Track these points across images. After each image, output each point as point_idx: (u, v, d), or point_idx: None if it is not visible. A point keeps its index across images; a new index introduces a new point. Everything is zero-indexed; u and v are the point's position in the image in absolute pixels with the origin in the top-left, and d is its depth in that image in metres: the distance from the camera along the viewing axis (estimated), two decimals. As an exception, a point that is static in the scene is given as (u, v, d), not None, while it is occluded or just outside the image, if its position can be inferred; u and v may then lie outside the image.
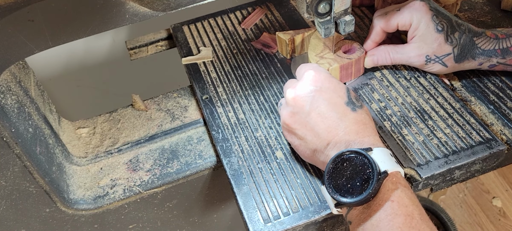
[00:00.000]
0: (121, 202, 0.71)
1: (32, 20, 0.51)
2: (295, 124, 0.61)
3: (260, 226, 0.60)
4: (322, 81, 0.61)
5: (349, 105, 0.60)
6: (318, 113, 0.59)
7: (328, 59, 0.75)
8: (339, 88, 0.61)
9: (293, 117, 0.61)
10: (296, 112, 0.61)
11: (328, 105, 0.59)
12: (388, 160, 0.54)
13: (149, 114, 0.81)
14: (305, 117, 0.60)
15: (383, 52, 0.74)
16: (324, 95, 0.60)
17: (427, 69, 0.73)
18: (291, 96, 0.62)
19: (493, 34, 0.69)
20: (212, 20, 0.94)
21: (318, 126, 0.59)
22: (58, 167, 0.69)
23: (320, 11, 0.67)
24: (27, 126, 0.64)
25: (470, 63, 0.70)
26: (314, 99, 0.60)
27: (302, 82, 0.62)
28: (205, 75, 0.82)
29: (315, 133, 0.59)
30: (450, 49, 0.69)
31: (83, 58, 1.29)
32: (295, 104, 0.61)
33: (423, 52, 0.70)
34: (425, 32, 0.69)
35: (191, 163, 0.74)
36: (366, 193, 0.51)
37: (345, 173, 0.54)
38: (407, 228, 0.50)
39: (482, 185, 1.51)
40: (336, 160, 0.55)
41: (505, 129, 0.67)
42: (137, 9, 0.54)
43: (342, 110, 0.59)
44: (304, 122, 0.60)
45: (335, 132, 0.58)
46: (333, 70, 0.74)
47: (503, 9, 0.86)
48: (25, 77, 0.70)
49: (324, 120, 0.58)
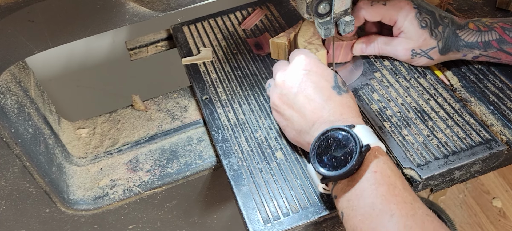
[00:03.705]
0: (121, 202, 0.71)
1: (32, 21, 0.51)
2: (283, 105, 0.64)
3: (260, 227, 0.60)
4: (311, 66, 0.64)
5: (335, 89, 0.62)
6: (305, 96, 0.61)
7: (315, 45, 0.78)
8: (326, 73, 0.64)
9: (281, 98, 0.64)
10: (285, 93, 0.63)
11: (315, 88, 0.61)
12: (370, 135, 0.57)
13: (149, 115, 0.81)
14: (292, 98, 0.62)
15: (373, 43, 0.77)
16: (312, 79, 0.62)
17: (414, 62, 0.76)
18: (280, 79, 0.64)
19: (476, 27, 0.71)
20: (212, 20, 0.94)
21: (305, 107, 0.61)
22: (58, 167, 0.69)
23: (320, 11, 0.67)
24: (27, 126, 0.64)
25: (455, 54, 0.73)
26: (302, 82, 0.62)
27: (291, 65, 0.65)
28: (205, 75, 0.82)
29: (302, 114, 0.61)
30: (435, 43, 0.72)
31: (83, 58, 1.29)
32: (284, 86, 0.64)
33: (409, 46, 0.73)
34: (410, 29, 0.72)
35: (191, 164, 0.74)
36: (350, 165, 0.53)
37: (329, 149, 0.56)
38: (390, 196, 0.51)
39: (482, 186, 1.51)
40: (321, 137, 0.57)
41: (505, 129, 0.67)
42: (137, 10, 0.54)
43: (328, 94, 0.61)
44: (291, 103, 0.63)
45: (320, 113, 0.60)
46: (320, 55, 0.77)
47: (498, 7, 0.87)
48: (25, 78, 0.70)
49: (310, 102, 0.61)
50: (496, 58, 0.72)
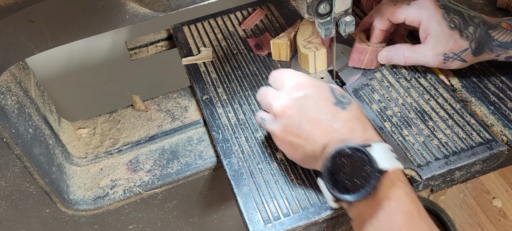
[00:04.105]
0: (121, 202, 0.71)
1: (32, 21, 0.50)
2: (289, 136, 0.60)
3: (260, 227, 0.60)
4: (305, 87, 0.60)
5: (338, 105, 0.59)
6: (308, 121, 0.58)
7: (315, 44, 0.77)
8: (323, 89, 0.60)
9: (285, 130, 0.60)
10: (287, 124, 0.59)
11: (317, 110, 0.58)
12: (388, 156, 0.54)
13: (149, 115, 0.81)
14: (297, 127, 0.59)
15: (398, 51, 0.73)
16: (311, 101, 0.59)
17: (445, 66, 0.72)
18: (277, 108, 0.60)
19: (509, 26, 0.68)
20: (212, 20, 0.94)
21: (312, 133, 0.58)
22: (58, 168, 0.69)
23: (321, 11, 0.67)
24: (27, 126, 0.64)
25: (489, 55, 0.70)
26: (302, 107, 0.59)
27: (284, 91, 0.61)
28: (205, 75, 0.82)
29: (311, 140, 0.58)
30: (467, 44, 0.68)
31: (83, 58, 1.29)
32: (284, 116, 0.59)
33: (440, 51, 0.69)
34: (438, 30, 0.68)
35: (191, 164, 0.73)
36: (364, 192, 0.51)
37: (344, 170, 0.53)
38: (405, 226, 0.50)
39: (482, 186, 1.51)
40: (334, 157, 0.54)
41: (505, 129, 0.67)
42: (137, 10, 0.54)
43: (332, 112, 0.58)
44: (297, 132, 0.59)
45: (330, 135, 0.57)
46: (320, 53, 0.76)
47: (499, 7, 0.87)
48: (25, 78, 0.70)
49: (317, 125, 0.58)
50: None
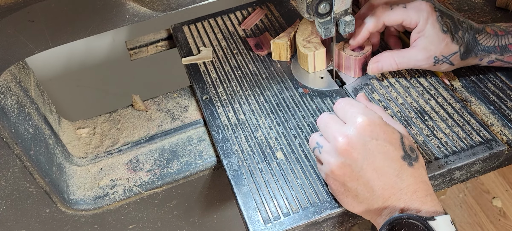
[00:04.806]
0: (121, 202, 0.71)
1: (32, 21, 0.50)
2: (346, 177, 0.56)
3: (260, 227, 0.60)
4: (377, 132, 0.56)
5: (406, 159, 0.56)
6: (373, 169, 0.55)
7: (314, 44, 0.77)
8: (394, 138, 0.56)
9: (343, 169, 0.56)
10: (348, 164, 0.56)
11: (384, 160, 0.55)
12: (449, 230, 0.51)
13: (149, 115, 0.81)
14: (358, 171, 0.55)
15: (388, 59, 0.73)
16: (379, 148, 0.55)
17: (435, 69, 0.73)
18: (342, 146, 0.56)
19: (493, 31, 0.70)
20: (212, 20, 0.94)
21: (374, 182, 0.55)
22: (58, 167, 0.69)
23: (320, 11, 0.67)
24: (27, 126, 0.64)
25: (473, 59, 0.71)
26: (369, 153, 0.55)
27: (353, 128, 0.56)
28: (205, 75, 0.82)
29: (370, 188, 0.55)
30: (456, 48, 0.69)
31: (83, 58, 1.29)
32: (347, 156, 0.55)
33: (431, 54, 0.70)
34: (432, 33, 0.68)
35: (191, 163, 0.73)
36: None
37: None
38: None
39: (482, 185, 1.51)
40: (393, 223, 0.51)
41: (505, 129, 0.67)
42: (137, 10, 0.54)
43: (398, 166, 0.55)
44: (357, 176, 0.56)
45: (392, 190, 0.54)
46: (319, 53, 0.76)
47: (498, 7, 0.87)
48: (25, 78, 0.70)
49: (380, 176, 0.55)
50: (510, 63, 0.71)
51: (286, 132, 0.70)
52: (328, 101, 0.74)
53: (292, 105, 0.75)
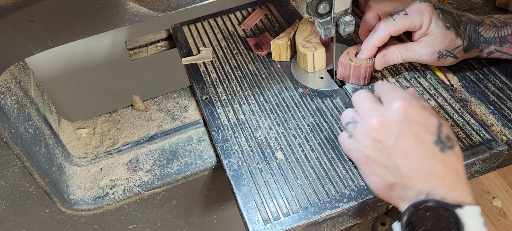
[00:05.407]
0: (121, 202, 0.71)
1: (32, 21, 0.50)
2: (376, 152, 0.58)
3: (260, 227, 0.60)
4: (412, 113, 0.57)
5: (438, 144, 0.55)
6: (402, 148, 0.55)
7: (314, 44, 0.77)
8: (429, 123, 0.57)
9: (375, 145, 0.58)
10: (380, 141, 0.57)
11: (414, 141, 0.55)
12: (477, 222, 0.50)
13: (149, 115, 0.81)
14: (388, 148, 0.56)
15: (394, 52, 0.73)
16: (411, 129, 0.56)
17: (439, 63, 0.73)
18: (376, 122, 0.58)
19: (492, 22, 0.71)
20: (212, 20, 0.94)
21: (401, 162, 0.55)
22: (58, 168, 0.69)
23: (320, 11, 0.67)
24: (27, 126, 0.64)
25: (475, 51, 0.73)
26: (401, 132, 0.56)
27: (390, 110, 0.58)
28: (205, 75, 0.82)
29: (396, 167, 0.55)
30: (460, 42, 0.70)
31: (83, 58, 1.29)
32: (380, 132, 0.57)
33: (436, 49, 0.71)
34: (436, 31, 0.69)
35: (191, 164, 0.73)
36: None
37: (425, 223, 0.50)
38: None
39: (482, 185, 1.51)
40: (418, 207, 0.51)
41: (505, 129, 0.67)
42: (137, 10, 0.54)
43: (428, 149, 0.55)
44: (386, 153, 0.56)
45: (418, 171, 0.54)
46: (319, 53, 0.76)
47: (498, 6, 0.87)
48: (25, 78, 0.70)
49: (408, 156, 0.55)
50: (509, 54, 0.72)
51: (286, 132, 0.70)
52: (328, 102, 0.74)
53: (292, 105, 0.75)
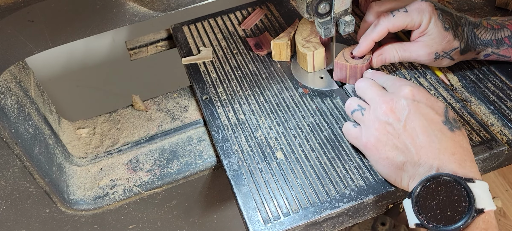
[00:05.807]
0: (121, 202, 0.71)
1: (32, 21, 0.50)
2: (387, 135, 0.59)
3: (260, 227, 0.60)
4: (420, 97, 0.60)
5: (447, 124, 0.57)
6: (412, 128, 0.57)
7: (313, 43, 0.77)
8: (437, 105, 0.59)
9: (386, 127, 0.59)
10: (390, 123, 0.59)
11: (423, 121, 0.57)
12: (487, 196, 0.52)
13: (149, 115, 0.81)
14: (397, 130, 0.58)
15: (391, 51, 0.74)
16: (421, 110, 0.58)
17: (435, 64, 0.74)
18: (386, 106, 0.60)
19: (489, 24, 0.71)
20: (212, 20, 0.94)
21: (411, 141, 0.57)
22: (58, 168, 0.69)
23: (320, 11, 0.67)
24: (27, 126, 0.64)
25: (472, 54, 0.73)
26: (410, 113, 0.58)
27: (397, 94, 0.61)
28: (205, 75, 0.82)
29: (406, 146, 0.57)
30: (457, 44, 0.70)
31: (83, 58, 1.29)
32: (390, 115, 0.59)
33: (433, 50, 0.71)
34: (435, 31, 0.69)
35: (191, 163, 0.74)
36: (456, 227, 0.50)
37: (437, 197, 0.51)
38: None
39: (482, 185, 1.51)
40: (430, 181, 0.52)
41: (505, 129, 0.67)
42: (137, 10, 0.54)
43: (437, 128, 0.57)
44: (396, 134, 0.58)
45: (428, 148, 0.56)
46: (318, 53, 0.76)
47: (498, 6, 0.87)
48: (25, 78, 0.70)
49: (418, 136, 0.57)
50: (506, 57, 0.72)
51: (286, 132, 0.70)
52: (328, 101, 0.74)
53: (292, 105, 0.75)
